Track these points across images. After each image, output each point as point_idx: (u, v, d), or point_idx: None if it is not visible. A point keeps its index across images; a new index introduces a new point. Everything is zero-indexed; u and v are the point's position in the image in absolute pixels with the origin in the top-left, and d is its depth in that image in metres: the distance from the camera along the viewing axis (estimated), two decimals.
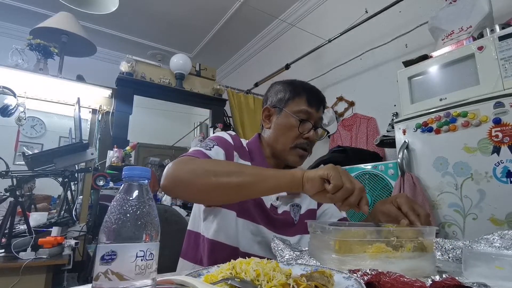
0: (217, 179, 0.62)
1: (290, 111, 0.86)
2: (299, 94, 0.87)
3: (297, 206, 0.91)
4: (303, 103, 0.86)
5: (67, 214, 1.90)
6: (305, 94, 0.87)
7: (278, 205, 0.87)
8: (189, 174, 0.64)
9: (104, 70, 3.43)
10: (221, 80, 4.30)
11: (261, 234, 0.80)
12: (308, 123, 0.86)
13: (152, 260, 0.36)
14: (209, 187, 0.63)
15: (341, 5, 2.80)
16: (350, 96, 2.60)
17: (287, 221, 0.86)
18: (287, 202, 0.89)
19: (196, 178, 0.63)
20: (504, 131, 1.12)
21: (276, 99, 0.91)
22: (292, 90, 0.89)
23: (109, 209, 0.37)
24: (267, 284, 0.37)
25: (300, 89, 0.88)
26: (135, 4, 3.24)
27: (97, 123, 2.74)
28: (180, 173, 0.64)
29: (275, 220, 0.83)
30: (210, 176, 0.62)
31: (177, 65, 3.04)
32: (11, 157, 2.55)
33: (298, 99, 0.87)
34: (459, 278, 0.37)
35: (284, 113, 0.87)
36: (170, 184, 0.65)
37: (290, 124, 0.85)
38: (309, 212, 0.93)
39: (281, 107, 0.88)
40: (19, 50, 2.32)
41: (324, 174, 0.58)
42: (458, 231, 1.22)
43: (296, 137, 0.85)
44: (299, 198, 0.92)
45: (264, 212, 0.82)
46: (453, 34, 1.49)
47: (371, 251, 0.50)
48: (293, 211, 0.89)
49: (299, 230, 0.87)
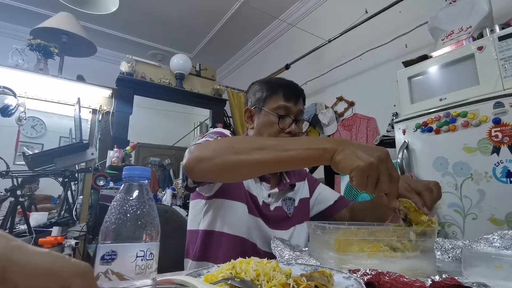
0: (237, 156, 0.61)
1: (269, 109, 0.88)
2: (275, 91, 0.89)
3: (290, 199, 0.92)
4: (281, 99, 0.88)
5: (67, 214, 1.90)
6: (282, 90, 0.89)
7: (270, 202, 0.88)
8: (211, 152, 0.65)
9: (104, 70, 3.43)
10: (221, 80, 4.30)
11: (259, 228, 0.82)
12: (287, 118, 0.87)
13: (152, 260, 0.36)
14: (230, 165, 0.63)
15: (341, 5, 2.80)
16: (350, 96, 2.60)
17: (280, 216, 0.88)
18: (278, 198, 0.90)
19: (218, 157, 0.63)
20: (504, 131, 1.12)
21: (255, 99, 0.93)
22: (268, 88, 0.91)
23: (110, 209, 0.37)
24: (267, 284, 0.37)
25: (276, 86, 0.90)
26: (135, 4, 3.24)
27: (97, 123, 2.74)
28: (202, 153, 0.66)
29: (268, 216, 0.85)
30: (231, 154, 0.62)
31: (177, 65, 3.04)
32: (12, 157, 2.55)
33: (275, 96, 0.89)
34: (459, 278, 0.37)
35: (263, 111, 0.89)
36: (193, 163, 0.66)
37: (270, 122, 0.87)
38: (302, 202, 0.95)
39: (260, 106, 0.90)
40: (19, 50, 2.32)
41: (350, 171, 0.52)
42: (458, 231, 1.22)
43: (278, 133, 0.87)
44: (292, 192, 0.93)
45: (258, 208, 0.84)
46: (453, 34, 1.49)
47: (369, 250, 0.50)
48: (286, 205, 0.91)
49: (294, 222, 0.89)
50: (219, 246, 0.78)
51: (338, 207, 0.98)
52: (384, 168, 0.51)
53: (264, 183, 0.89)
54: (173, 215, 1.11)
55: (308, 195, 0.98)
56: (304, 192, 0.97)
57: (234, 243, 0.78)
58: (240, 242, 0.79)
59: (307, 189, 0.99)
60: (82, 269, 0.26)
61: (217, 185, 0.81)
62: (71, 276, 0.25)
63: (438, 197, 0.61)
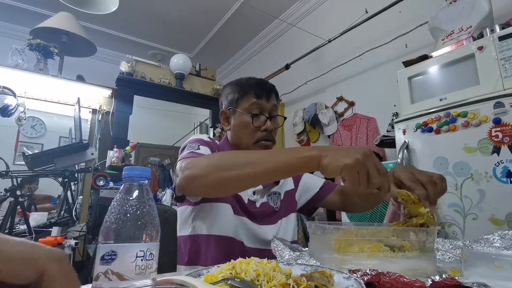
0: (228, 173, 0.63)
1: (242, 109, 0.89)
2: (246, 91, 0.90)
3: (275, 194, 0.93)
4: (252, 97, 0.89)
5: (67, 214, 1.90)
6: (252, 89, 0.90)
7: (256, 199, 0.89)
8: (202, 171, 0.66)
9: (104, 70, 3.43)
10: (221, 80, 4.30)
11: (245, 226, 0.83)
12: (261, 116, 0.88)
13: (152, 260, 0.36)
14: (222, 182, 0.64)
15: (341, 5, 2.80)
16: (350, 96, 2.60)
17: (267, 211, 0.89)
18: (264, 194, 0.91)
19: (209, 174, 0.65)
20: (504, 131, 1.12)
21: (227, 101, 0.94)
22: (239, 89, 0.91)
23: (109, 209, 0.37)
24: (267, 284, 0.37)
25: (247, 86, 0.91)
26: (135, 4, 3.24)
27: (97, 123, 2.74)
28: (193, 172, 0.67)
29: (254, 213, 0.86)
30: (221, 171, 0.64)
31: (177, 65, 3.05)
32: (11, 157, 2.55)
33: (246, 96, 0.90)
34: (459, 278, 0.37)
35: (237, 113, 0.90)
36: (185, 183, 0.67)
37: (245, 122, 0.88)
38: (288, 194, 0.96)
39: (233, 107, 0.91)
40: (19, 50, 2.32)
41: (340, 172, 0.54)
42: (458, 231, 1.22)
43: (254, 132, 0.87)
44: (277, 186, 0.94)
45: (243, 207, 0.85)
46: (453, 34, 1.49)
47: (369, 250, 0.50)
48: (272, 200, 0.92)
49: (281, 216, 0.90)
50: (208, 248, 0.80)
51: (325, 193, 0.99)
52: (371, 163, 0.54)
53: None
54: (173, 215, 1.10)
55: (293, 186, 0.99)
56: (289, 184, 0.98)
57: (222, 243, 0.79)
58: (227, 242, 0.80)
59: (291, 181, 1.00)
60: (57, 254, 0.26)
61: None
62: (46, 261, 0.25)
63: (441, 190, 0.61)
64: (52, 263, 0.26)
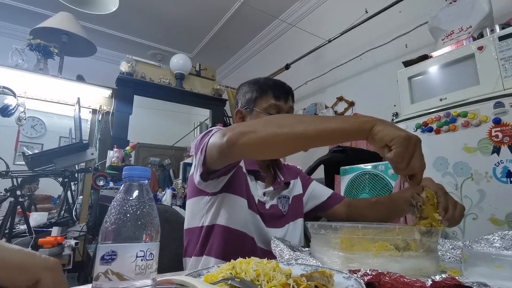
0: (281, 129, 0.61)
1: (260, 109, 0.89)
2: (265, 91, 0.90)
3: (284, 197, 0.93)
4: (271, 98, 0.89)
5: (67, 214, 1.91)
6: (271, 89, 0.90)
7: (266, 201, 0.89)
8: (255, 127, 0.64)
9: (104, 70, 3.43)
10: (221, 80, 4.30)
11: (256, 224, 0.83)
12: None
13: (152, 260, 0.36)
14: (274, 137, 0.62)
15: (341, 5, 2.80)
16: (350, 96, 2.60)
17: (275, 214, 0.89)
18: (273, 196, 0.91)
19: (261, 130, 0.63)
20: (504, 131, 1.12)
21: (245, 100, 0.93)
22: (258, 89, 0.91)
23: (109, 209, 0.37)
24: (267, 284, 0.37)
25: (265, 86, 0.91)
26: (135, 4, 3.24)
27: (97, 123, 2.74)
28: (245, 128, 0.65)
29: (264, 214, 0.86)
30: (274, 127, 0.62)
31: (177, 65, 3.04)
32: (11, 157, 2.55)
33: (265, 96, 0.90)
34: (459, 278, 0.37)
35: (255, 112, 0.90)
36: (236, 136, 0.64)
37: None
38: (296, 199, 0.96)
39: (251, 107, 0.91)
40: (19, 50, 2.32)
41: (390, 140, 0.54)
42: (458, 231, 1.22)
43: None
44: (286, 189, 0.94)
45: (253, 206, 0.85)
46: (453, 34, 1.49)
47: (375, 249, 0.50)
48: (281, 203, 0.92)
49: (288, 220, 0.90)
50: (221, 240, 0.79)
51: (332, 203, 0.99)
52: (419, 148, 0.55)
53: (259, 182, 0.90)
54: (173, 215, 1.11)
55: (302, 191, 0.99)
56: (297, 189, 0.98)
57: (236, 237, 0.79)
58: (240, 237, 0.80)
59: (300, 185, 1.00)
60: (51, 264, 0.28)
61: (224, 180, 0.81)
62: (41, 270, 0.27)
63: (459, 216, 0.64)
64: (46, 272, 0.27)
